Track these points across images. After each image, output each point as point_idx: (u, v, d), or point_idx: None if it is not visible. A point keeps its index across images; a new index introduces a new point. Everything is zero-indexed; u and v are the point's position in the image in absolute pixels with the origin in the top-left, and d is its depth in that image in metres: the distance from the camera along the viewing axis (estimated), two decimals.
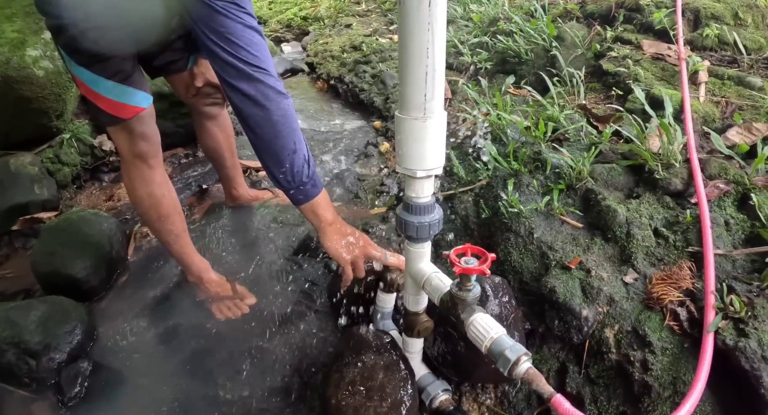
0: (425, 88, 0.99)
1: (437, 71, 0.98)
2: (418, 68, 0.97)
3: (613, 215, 1.54)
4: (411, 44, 0.95)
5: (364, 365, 1.36)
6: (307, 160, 1.48)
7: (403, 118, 1.04)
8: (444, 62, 1.00)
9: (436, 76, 0.99)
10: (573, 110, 2.12)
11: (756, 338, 1.19)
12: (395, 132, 1.09)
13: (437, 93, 1.01)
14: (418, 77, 0.98)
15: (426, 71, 0.97)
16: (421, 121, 1.02)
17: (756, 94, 1.98)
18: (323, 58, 4.24)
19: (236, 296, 1.88)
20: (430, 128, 1.04)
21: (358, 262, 1.52)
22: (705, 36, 2.36)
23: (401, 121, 1.05)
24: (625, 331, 1.36)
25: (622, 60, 2.35)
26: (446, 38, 3.29)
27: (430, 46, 0.95)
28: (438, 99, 1.02)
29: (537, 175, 1.80)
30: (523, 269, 1.59)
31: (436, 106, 1.02)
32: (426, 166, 1.08)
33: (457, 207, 1.96)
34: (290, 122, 1.45)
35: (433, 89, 1.00)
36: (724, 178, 1.59)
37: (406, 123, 1.04)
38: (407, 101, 1.02)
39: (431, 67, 0.97)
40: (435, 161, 1.08)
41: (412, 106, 1.02)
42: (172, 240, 1.84)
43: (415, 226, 1.15)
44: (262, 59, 1.42)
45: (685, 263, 1.41)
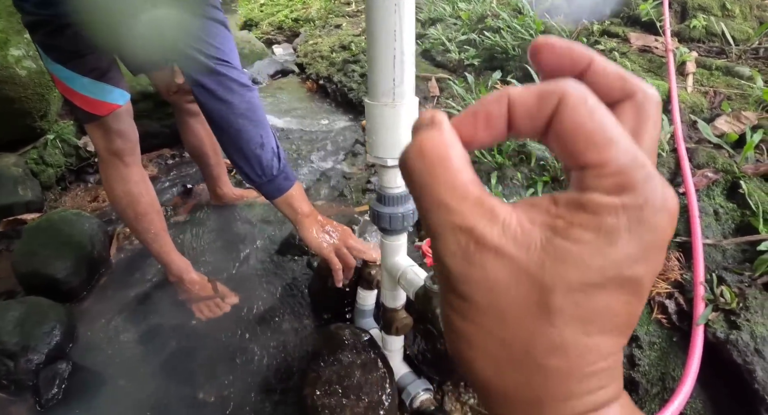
0: (394, 72, 0.93)
1: (406, 55, 0.92)
2: (385, 52, 0.91)
3: None
4: (378, 28, 0.89)
5: (340, 364, 1.29)
6: (277, 153, 1.42)
7: (372, 104, 0.98)
8: (413, 46, 0.94)
9: (405, 60, 0.92)
10: None
11: (748, 330, 1.13)
12: (366, 120, 1.03)
13: (407, 77, 0.95)
14: (386, 61, 0.92)
15: (394, 55, 0.91)
16: (390, 107, 0.96)
17: (745, 84, 1.92)
18: (312, 59, 4.18)
19: (218, 296, 1.81)
20: (401, 114, 0.98)
21: (342, 250, 1.46)
22: (692, 27, 2.30)
23: (370, 107, 0.99)
24: None
25: (609, 53, 2.29)
26: (435, 36, 3.26)
27: (398, 28, 0.89)
28: (408, 84, 0.96)
29: (521, 167, 1.74)
30: None
31: (406, 91, 0.96)
32: (398, 153, 1.01)
33: None
34: (256, 115, 1.40)
35: (403, 73, 0.94)
36: (713, 167, 1.53)
37: (376, 109, 0.98)
38: (376, 87, 0.96)
39: (399, 50, 0.91)
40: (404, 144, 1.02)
41: (381, 92, 0.96)
42: (151, 239, 1.77)
43: (388, 217, 1.09)
44: (225, 52, 1.37)
45: (673, 254, 1.34)
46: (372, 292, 1.50)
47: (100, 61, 1.51)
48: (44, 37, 1.40)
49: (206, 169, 2.26)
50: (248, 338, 1.71)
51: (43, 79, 2.52)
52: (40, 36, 1.41)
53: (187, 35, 1.31)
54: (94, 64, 1.50)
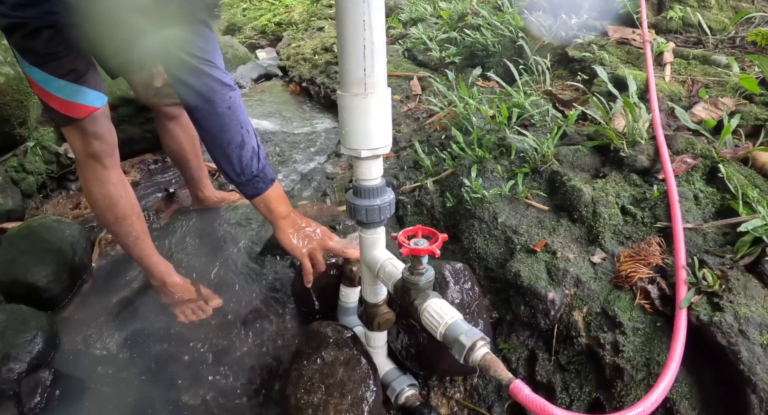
0: (364, 62, 0.91)
1: (376, 44, 0.90)
2: (355, 42, 0.89)
3: (579, 195, 1.46)
4: (347, 17, 0.88)
5: (323, 362, 1.26)
6: (257, 153, 1.41)
7: (343, 95, 0.96)
8: (383, 36, 0.92)
9: (375, 50, 0.91)
10: (539, 96, 2.05)
11: (732, 311, 1.11)
12: (339, 111, 1.01)
13: (378, 67, 0.93)
14: (356, 51, 0.90)
15: (364, 44, 0.89)
16: (362, 97, 0.94)
17: (721, 72, 1.92)
18: (295, 61, 4.16)
19: (201, 299, 1.78)
20: (373, 104, 0.95)
21: (316, 254, 1.44)
22: (669, 19, 2.30)
23: (342, 98, 0.97)
24: (594, 313, 1.28)
25: (588, 46, 2.28)
26: (416, 36, 3.25)
27: (367, 17, 0.87)
28: (379, 74, 0.94)
29: (502, 160, 1.72)
30: (488, 255, 1.50)
31: (377, 81, 0.94)
32: (371, 144, 0.99)
33: (422, 198, 1.87)
34: (237, 115, 1.38)
35: (373, 63, 0.92)
36: (692, 152, 1.52)
37: (347, 100, 0.96)
38: (347, 77, 0.94)
39: (369, 40, 0.89)
40: (380, 140, 1.00)
41: (352, 82, 0.94)
42: (132, 242, 1.74)
43: (364, 209, 1.07)
44: (208, 51, 1.35)
45: (654, 239, 1.33)
46: (354, 289, 1.48)
47: (77, 64, 1.48)
48: (20, 40, 1.37)
49: (187, 172, 2.22)
50: (232, 339, 1.68)
51: (22, 85, 2.48)
52: (17, 38, 1.38)
53: (172, 34, 1.29)
54: (71, 66, 1.47)
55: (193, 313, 1.77)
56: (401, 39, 3.56)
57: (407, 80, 3.10)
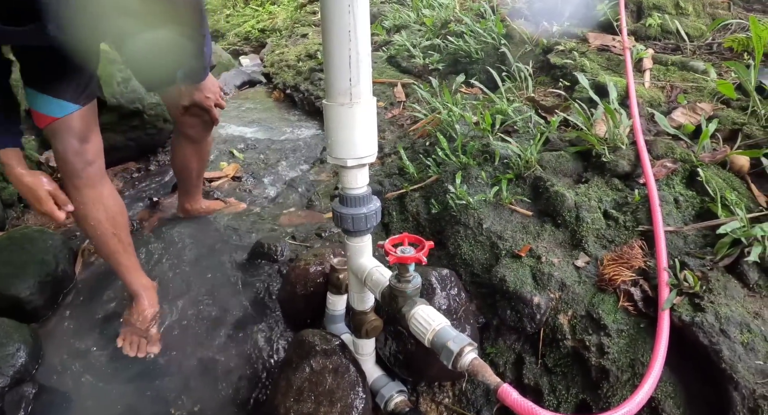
0: (350, 72, 0.93)
1: (361, 54, 0.92)
2: (341, 52, 0.91)
3: (562, 200, 1.49)
4: (332, 28, 0.90)
5: (311, 371, 1.27)
6: None
7: (329, 105, 0.98)
8: (369, 46, 0.94)
9: (360, 60, 0.93)
10: (521, 103, 2.09)
11: (713, 311, 1.14)
12: (324, 121, 1.02)
13: (363, 77, 0.95)
14: (342, 62, 0.92)
15: (349, 55, 0.91)
16: (347, 107, 0.96)
17: (699, 77, 1.97)
18: (279, 68, 4.17)
19: (146, 336, 1.74)
20: (359, 114, 0.97)
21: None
22: (648, 26, 2.35)
23: (328, 108, 0.98)
24: (579, 316, 1.30)
25: (569, 53, 2.33)
26: (399, 42, 3.27)
27: (352, 29, 0.89)
28: (365, 84, 0.96)
29: (486, 167, 1.75)
30: (474, 261, 1.52)
31: (363, 91, 0.96)
32: (357, 154, 1.01)
33: (408, 205, 1.89)
34: None
35: (359, 73, 0.94)
36: (672, 157, 1.56)
37: (333, 110, 0.97)
38: (333, 87, 0.96)
39: (354, 50, 0.91)
40: (366, 149, 1.01)
41: (337, 92, 0.95)
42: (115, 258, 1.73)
43: (351, 218, 1.08)
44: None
45: (636, 242, 1.36)
46: (342, 296, 1.49)
47: (46, 71, 1.45)
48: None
49: (183, 186, 2.20)
50: (219, 349, 1.68)
51: None
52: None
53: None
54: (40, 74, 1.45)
55: (131, 346, 1.72)
56: (385, 46, 3.59)
57: (391, 87, 3.13)
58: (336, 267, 1.45)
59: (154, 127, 2.78)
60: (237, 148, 3.05)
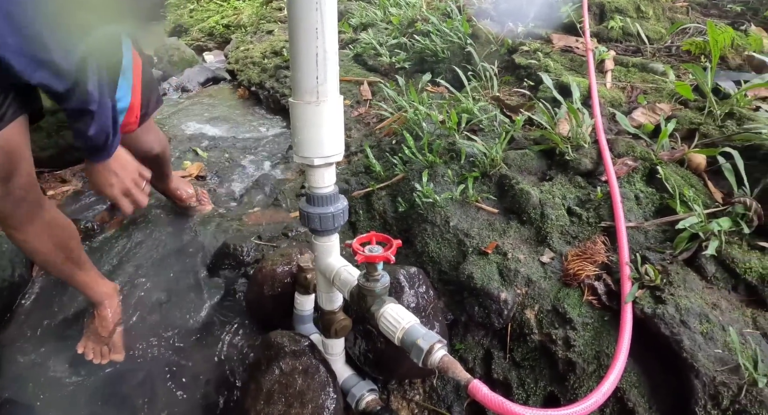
0: (317, 70, 0.92)
1: (329, 52, 0.92)
2: (308, 50, 0.90)
3: (527, 198, 1.52)
4: (300, 26, 0.89)
5: (281, 372, 1.26)
6: None
7: (296, 103, 0.97)
8: (336, 44, 0.94)
9: (327, 58, 0.92)
10: (487, 102, 2.12)
11: (673, 303, 1.18)
12: (291, 119, 1.02)
13: (330, 76, 0.94)
14: (309, 59, 0.91)
15: (317, 52, 0.91)
16: (314, 105, 0.95)
17: (659, 79, 2.03)
18: (244, 65, 4.12)
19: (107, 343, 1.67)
20: (325, 113, 0.97)
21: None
22: (610, 28, 2.41)
23: (295, 106, 0.97)
24: (545, 310, 1.33)
25: (533, 53, 2.37)
26: (366, 41, 3.27)
27: (320, 26, 0.88)
28: (332, 82, 0.95)
29: (452, 165, 1.77)
30: (441, 258, 1.54)
31: (330, 90, 0.96)
32: (323, 152, 1.01)
33: (375, 204, 1.90)
34: None
35: (326, 72, 0.93)
36: (632, 155, 1.61)
37: (300, 108, 0.97)
38: (299, 85, 0.95)
39: (322, 48, 0.90)
40: (333, 148, 1.01)
41: (304, 90, 0.95)
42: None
43: (318, 217, 1.08)
44: None
45: (599, 238, 1.40)
46: (309, 296, 1.49)
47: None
48: None
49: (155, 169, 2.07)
50: (186, 353, 1.65)
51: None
52: None
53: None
54: None
55: (93, 353, 1.66)
56: (351, 44, 3.58)
57: (357, 85, 3.13)
58: (303, 267, 1.45)
59: None
60: (200, 147, 3.01)
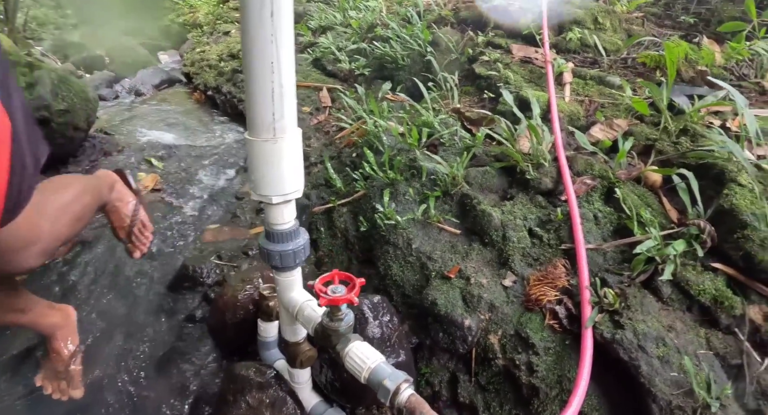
0: (273, 106, 0.89)
1: (285, 87, 0.89)
2: (263, 85, 0.87)
3: (489, 220, 1.53)
4: (255, 59, 0.85)
5: (248, 406, 1.24)
6: None
7: (252, 141, 0.93)
8: (293, 77, 0.91)
9: (284, 93, 0.89)
10: (447, 115, 2.12)
11: (631, 328, 1.22)
12: (248, 156, 0.99)
13: (287, 111, 0.92)
14: (265, 95, 0.88)
15: (272, 88, 0.88)
16: (272, 143, 0.93)
17: (615, 93, 2.08)
18: (200, 68, 4.03)
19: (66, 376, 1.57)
20: (284, 150, 0.94)
21: None
22: (568, 40, 2.45)
23: (251, 144, 0.94)
24: (509, 335, 1.35)
25: (494, 63, 2.39)
26: (325, 45, 3.23)
27: (275, 60, 0.85)
28: (289, 117, 0.93)
29: (413, 182, 1.77)
30: (405, 282, 1.54)
31: (287, 125, 0.93)
32: (283, 190, 0.98)
33: (336, 221, 1.89)
34: None
35: (282, 107, 0.90)
36: (591, 173, 1.64)
37: (257, 146, 0.94)
38: (255, 122, 0.92)
39: (278, 83, 0.87)
40: (293, 185, 0.99)
41: (261, 128, 0.92)
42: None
43: (278, 255, 1.06)
44: None
45: (560, 261, 1.42)
46: (273, 323, 1.46)
47: None
48: None
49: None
50: (148, 385, 1.58)
51: None
52: None
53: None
54: None
55: (51, 387, 1.55)
56: (310, 47, 3.54)
57: (316, 91, 3.10)
58: (265, 295, 1.42)
59: (64, 136, 2.59)
60: (155, 156, 2.92)
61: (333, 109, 2.91)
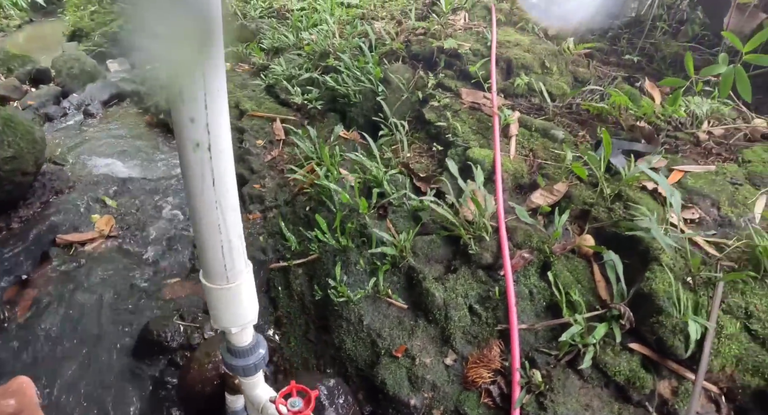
0: (224, 260, 1.04)
1: (233, 241, 1.02)
2: (213, 243, 1.00)
3: (432, 299, 1.73)
4: (201, 222, 0.98)
5: None
6: None
7: (209, 286, 1.08)
8: (240, 229, 1.04)
9: (233, 247, 1.03)
10: (397, 169, 2.29)
11: (552, 410, 1.44)
12: (205, 296, 1.13)
13: (237, 259, 1.05)
14: (215, 251, 1.01)
15: (222, 245, 1.01)
16: (226, 289, 1.08)
17: (558, 150, 2.27)
18: (151, 88, 4.07)
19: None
20: (240, 291, 1.10)
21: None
22: (516, 85, 2.64)
23: (208, 289, 1.08)
24: (450, 411, 1.56)
25: (443, 109, 2.56)
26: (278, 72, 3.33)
27: (222, 222, 0.98)
28: (239, 260, 1.06)
29: (364, 250, 1.95)
30: (358, 357, 1.74)
31: (238, 271, 1.07)
32: (241, 321, 1.15)
33: (292, 282, 2.06)
34: None
35: (233, 259, 1.04)
36: (529, 245, 1.84)
37: (214, 291, 1.08)
38: (210, 272, 1.05)
39: (226, 240, 1.01)
40: (249, 315, 1.15)
41: (215, 277, 1.06)
42: None
43: (242, 368, 1.23)
44: None
45: (495, 343, 1.63)
46: (239, 395, 1.63)
47: None
48: None
49: None
50: None
51: None
52: None
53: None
54: None
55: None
56: (263, 71, 3.64)
57: (270, 122, 3.22)
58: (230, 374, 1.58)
59: (12, 183, 2.66)
60: (108, 193, 3.01)
61: (286, 143, 3.04)
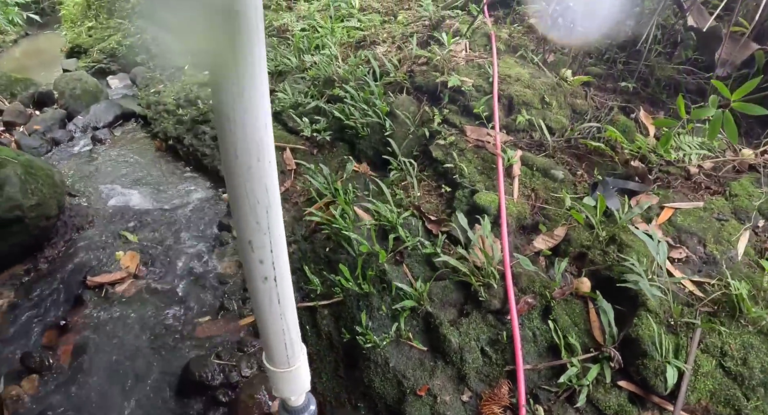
0: (286, 351, 1.32)
1: (293, 338, 1.30)
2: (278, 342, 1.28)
3: (449, 344, 2.04)
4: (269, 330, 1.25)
5: None
6: None
7: (273, 370, 1.36)
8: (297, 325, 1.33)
9: (293, 342, 1.30)
10: (410, 211, 2.58)
11: None
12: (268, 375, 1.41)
13: (296, 348, 1.33)
14: (279, 347, 1.29)
15: (285, 343, 1.29)
16: (287, 372, 1.37)
17: (558, 191, 2.55)
18: (157, 113, 4.31)
19: None
20: (298, 372, 1.39)
21: None
22: (518, 122, 2.91)
23: (272, 372, 1.36)
24: None
25: (449, 147, 2.83)
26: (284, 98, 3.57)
27: (285, 327, 1.26)
28: (297, 348, 1.35)
29: (385, 296, 2.25)
30: (386, 394, 2.06)
31: (297, 356, 1.36)
32: (298, 392, 1.44)
33: (320, 323, 2.36)
34: None
35: (293, 350, 1.33)
36: (532, 291, 2.15)
37: (277, 374, 1.37)
38: (273, 359, 1.32)
39: (288, 338, 1.28)
40: (305, 386, 1.45)
41: (278, 363, 1.34)
42: None
43: None
44: None
45: (504, 382, 1.95)
46: None
47: None
48: None
49: None
50: None
51: None
52: None
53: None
54: None
55: None
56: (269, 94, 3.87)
57: (279, 151, 3.47)
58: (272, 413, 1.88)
59: (37, 228, 2.90)
60: (128, 228, 3.27)
61: (297, 172, 3.30)
